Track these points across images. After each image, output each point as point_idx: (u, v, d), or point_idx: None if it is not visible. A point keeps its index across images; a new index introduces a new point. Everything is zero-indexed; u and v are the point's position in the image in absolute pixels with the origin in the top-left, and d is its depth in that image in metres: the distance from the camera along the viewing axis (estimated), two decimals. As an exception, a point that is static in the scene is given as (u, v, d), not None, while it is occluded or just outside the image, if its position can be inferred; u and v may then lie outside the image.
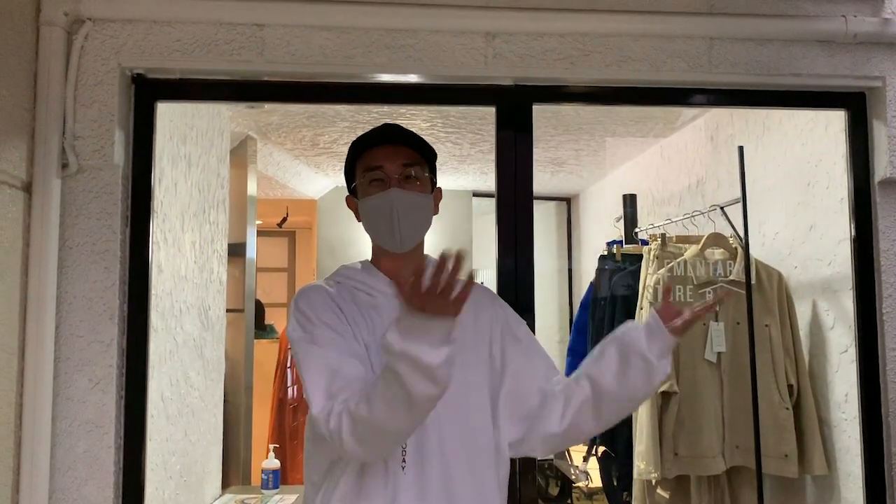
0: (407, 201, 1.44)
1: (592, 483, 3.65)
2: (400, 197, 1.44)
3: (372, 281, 1.49)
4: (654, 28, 2.03)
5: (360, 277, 1.50)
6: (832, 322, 2.46)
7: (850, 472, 2.35)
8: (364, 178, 1.48)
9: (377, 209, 1.45)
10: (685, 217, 2.95)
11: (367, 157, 1.48)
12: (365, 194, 1.48)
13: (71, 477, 1.83)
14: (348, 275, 1.52)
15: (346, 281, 1.50)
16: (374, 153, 1.47)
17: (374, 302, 1.46)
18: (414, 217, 1.46)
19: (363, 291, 1.48)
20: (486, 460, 1.44)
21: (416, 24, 1.98)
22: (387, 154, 1.46)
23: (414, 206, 1.46)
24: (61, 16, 1.86)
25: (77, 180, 1.88)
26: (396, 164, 1.45)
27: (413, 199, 1.46)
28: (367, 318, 1.44)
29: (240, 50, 1.95)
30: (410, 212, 1.45)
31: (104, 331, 1.86)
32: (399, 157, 1.46)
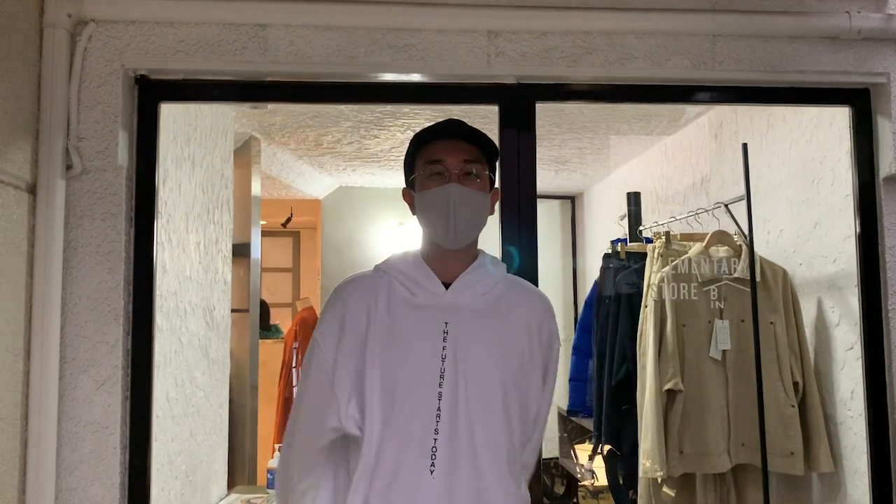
0: (465, 198, 1.43)
1: (598, 482, 3.65)
2: (459, 193, 1.43)
3: (417, 275, 1.48)
4: (657, 25, 2.03)
5: (407, 270, 1.49)
6: (837, 319, 2.45)
7: (857, 469, 2.34)
8: (424, 170, 1.47)
9: (434, 203, 1.44)
10: (689, 215, 2.94)
11: (428, 150, 1.47)
12: (423, 187, 1.47)
13: (77, 477, 1.83)
14: (397, 266, 1.51)
15: (392, 272, 1.50)
16: (436, 146, 1.47)
17: (413, 300, 1.46)
18: (470, 214, 1.45)
19: (405, 286, 1.47)
20: (509, 459, 1.44)
21: (418, 24, 1.98)
22: (449, 148, 1.46)
23: (471, 204, 1.45)
24: (64, 17, 1.87)
25: (81, 181, 1.89)
26: (458, 160, 1.45)
27: (471, 196, 1.44)
28: (392, 314, 1.44)
29: (243, 50, 1.95)
30: (467, 209, 1.44)
31: (109, 331, 1.86)
32: (461, 153, 1.45)
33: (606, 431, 2.87)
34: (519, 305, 1.52)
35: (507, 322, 1.49)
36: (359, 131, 3.60)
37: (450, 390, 1.40)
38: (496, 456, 1.41)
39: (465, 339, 1.43)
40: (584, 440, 4.15)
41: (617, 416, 2.83)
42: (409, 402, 1.39)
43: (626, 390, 2.77)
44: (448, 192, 1.43)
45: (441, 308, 1.45)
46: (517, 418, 1.46)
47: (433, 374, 1.40)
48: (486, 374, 1.43)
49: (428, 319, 1.44)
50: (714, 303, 2.61)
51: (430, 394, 1.39)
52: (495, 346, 1.45)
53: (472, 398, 1.40)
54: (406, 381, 1.40)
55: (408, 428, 1.38)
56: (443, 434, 1.38)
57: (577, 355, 3.38)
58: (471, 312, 1.46)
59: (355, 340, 1.43)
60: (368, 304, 1.45)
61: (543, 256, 2.08)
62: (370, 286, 1.48)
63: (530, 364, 1.50)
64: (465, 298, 1.47)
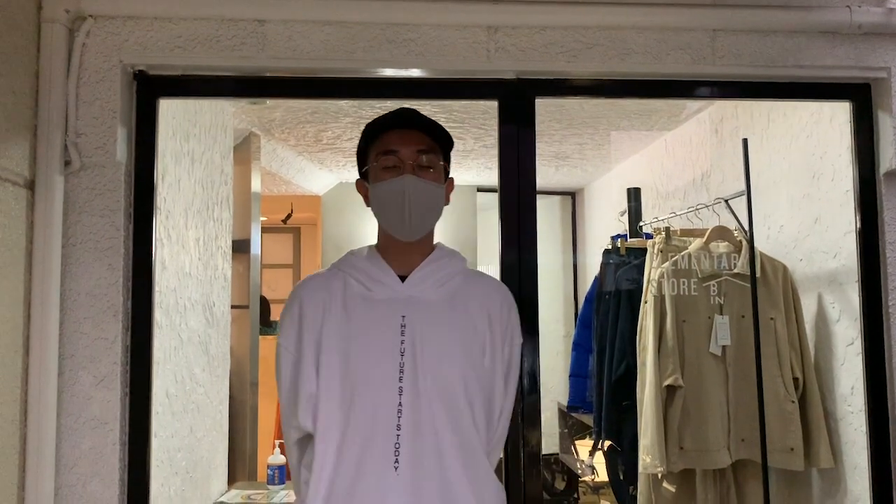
0: (420, 189, 1.42)
1: (598, 477, 3.66)
2: (413, 184, 1.41)
3: (372, 270, 1.47)
4: (657, 20, 2.02)
5: (361, 265, 1.48)
6: (838, 315, 2.45)
7: (857, 464, 2.34)
8: (377, 162, 1.45)
9: (389, 195, 1.43)
10: (690, 210, 2.94)
11: (381, 141, 1.46)
12: (377, 179, 1.45)
13: (76, 474, 1.83)
14: (352, 262, 1.50)
15: (347, 268, 1.49)
16: (390, 137, 1.45)
17: (369, 295, 1.45)
18: (426, 206, 1.44)
19: (361, 282, 1.46)
20: (476, 448, 1.43)
21: (417, 19, 1.98)
22: (402, 139, 1.44)
23: (427, 195, 1.44)
24: (63, 13, 1.86)
25: (80, 177, 1.88)
26: (412, 150, 1.43)
27: (426, 187, 1.43)
28: (348, 311, 1.43)
29: (241, 46, 1.95)
30: (422, 200, 1.43)
31: (108, 328, 1.86)
32: (415, 143, 1.44)
33: (606, 427, 2.87)
34: (478, 296, 1.50)
35: (467, 313, 1.47)
36: (358, 127, 3.58)
37: (410, 384, 1.38)
38: (462, 448, 1.40)
39: (424, 331, 1.41)
40: (584, 436, 4.16)
41: (617, 412, 2.83)
42: (369, 399, 1.38)
43: (626, 386, 2.77)
44: (402, 183, 1.41)
45: (398, 301, 1.43)
46: (481, 409, 1.44)
47: (392, 369, 1.39)
48: (447, 367, 1.41)
49: (385, 314, 1.42)
50: (714, 298, 2.61)
51: (390, 389, 1.38)
52: (455, 338, 1.44)
53: (434, 391, 1.39)
54: (365, 377, 1.39)
55: (369, 425, 1.37)
56: (405, 429, 1.37)
57: (578, 351, 3.38)
58: (428, 305, 1.44)
59: (313, 339, 1.43)
60: (324, 301, 1.44)
61: (543, 252, 2.08)
62: (325, 284, 1.48)
63: (492, 355, 1.48)
64: (423, 291, 1.45)
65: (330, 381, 1.40)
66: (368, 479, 1.35)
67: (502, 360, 1.50)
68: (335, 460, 1.37)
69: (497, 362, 1.49)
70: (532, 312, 2.01)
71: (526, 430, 1.98)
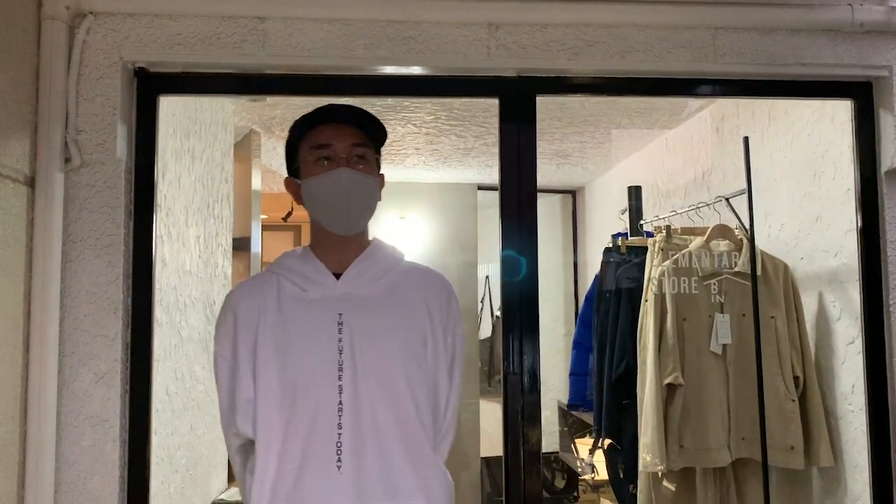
0: (357, 182, 1.40)
1: (598, 475, 3.66)
2: (350, 177, 1.39)
3: (305, 269, 1.45)
4: (659, 18, 2.02)
5: (294, 266, 1.47)
6: (839, 313, 2.45)
7: (857, 463, 2.34)
8: (310, 156, 1.42)
9: (325, 189, 1.40)
10: (690, 209, 2.93)
11: (313, 136, 1.43)
12: (310, 174, 1.42)
13: (76, 471, 1.83)
14: (285, 263, 1.48)
15: (280, 270, 1.47)
16: (323, 131, 1.42)
17: (304, 296, 1.43)
18: (363, 199, 1.42)
19: (294, 283, 1.45)
20: (421, 442, 1.42)
21: (418, 16, 1.97)
22: (336, 133, 1.42)
23: (363, 188, 1.41)
24: (63, 10, 1.86)
25: (80, 174, 1.88)
26: (346, 144, 1.41)
27: (363, 180, 1.41)
28: (283, 313, 1.42)
29: (241, 43, 1.94)
30: (360, 193, 1.41)
31: (108, 325, 1.86)
32: (349, 137, 1.42)
33: (607, 425, 2.87)
34: (416, 288, 1.49)
35: (405, 306, 1.46)
36: (358, 125, 3.59)
37: (350, 382, 1.38)
38: (406, 442, 1.40)
39: (362, 328, 1.41)
40: (584, 434, 4.16)
41: (617, 411, 2.83)
42: (309, 400, 1.37)
43: (626, 384, 2.77)
44: (339, 176, 1.39)
45: (334, 299, 1.42)
46: (425, 401, 1.44)
47: (331, 367, 1.38)
48: (387, 362, 1.41)
49: (321, 313, 1.41)
50: (715, 297, 2.61)
51: (329, 388, 1.37)
52: (395, 332, 1.43)
53: (374, 388, 1.38)
54: (304, 378, 1.38)
55: (310, 425, 1.36)
56: (346, 427, 1.36)
57: (578, 349, 3.37)
58: (365, 300, 1.43)
59: (249, 344, 1.41)
60: (258, 305, 1.43)
61: (544, 251, 2.08)
62: (258, 287, 1.46)
63: (434, 346, 1.47)
64: (358, 287, 1.44)
65: (268, 385, 1.39)
66: (312, 480, 1.35)
67: (445, 351, 1.49)
68: (277, 463, 1.37)
69: (440, 353, 1.48)
70: (533, 311, 2.01)
71: (526, 428, 1.98)
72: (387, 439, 1.38)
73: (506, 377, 2.00)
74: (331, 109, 1.44)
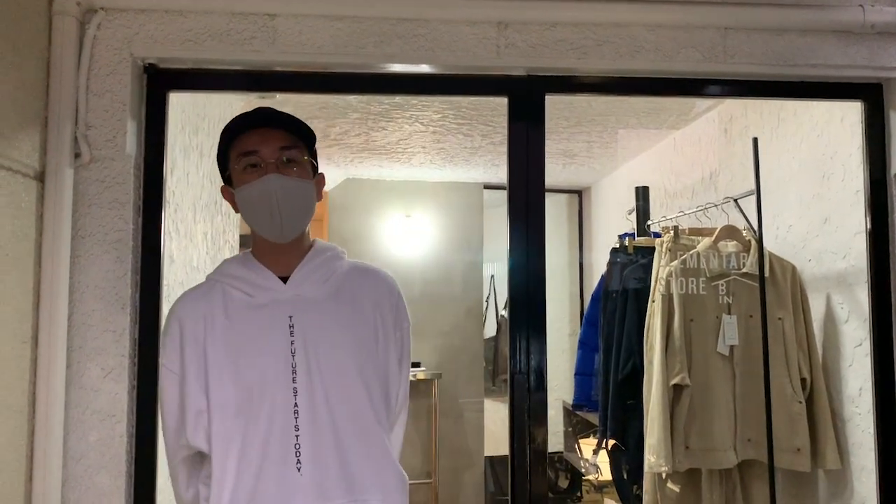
0: (287, 187, 1.38)
1: (602, 476, 3.65)
2: (278, 183, 1.37)
3: (250, 276, 1.45)
4: (668, 18, 2.01)
5: (238, 273, 1.46)
6: (846, 316, 2.44)
7: (864, 466, 2.33)
8: (238, 164, 1.41)
9: (255, 197, 1.39)
10: (698, 209, 2.93)
11: (240, 142, 1.41)
12: (241, 182, 1.41)
13: (83, 465, 1.84)
14: (228, 271, 1.48)
15: (223, 278, 1.47)
16: (249, 137, 1.40)
17: (251, 301, 1.43)
18: (295, 204, 1.40)
19: (240, 289, 1.44)
20: (378, 437, 1.44)
21: (427, 14, 1.97)
22: (261, 138, 1.39)
23: (294, 192, 1.39)
24: (74, 5, 1.86)
25: (89, 170, 1.89)
26: (272, 149, 1.39)
27: (293, 184, 1.39)
28: (232, 320, 1.41)
29: (251, 40, 1.95)
30: (291, 198, 1.39)
31: (116, 320, 1.87)
32: (275, 141, 1.40)
33: (611, 426, 2.87)
34: (363, 287, 1.49)
35: (354, 305, 1.46)
36: (367, 123, 3.60)
37: (304, 384, 1.38)
38: (364, 441, 1.41)
39: (314, 329, 1.41)
40: (588, 434, 4.15)
41: (622, 411, 2.83)
42: (265, 404, 1.36)
43: (632, 385, 2.77)
44: (267, 183, 1.37)
45: (282, 303, 1.42)
46: (380, 399, 1.45)
47: (285, 371, 1.38)
48: (341, 361, 1.41)
49: (271, 317, 1.41)
50: (722, 298, 2.61)
51: (284, 391, 1.37)
52: (346, 332, 1.43)
53: (330, 388, 1.39)
54: (258, 383, 1.37)
55: (267, 429, 1.36)
56: (304, 429, 1.36)
57: (583, 349, 3.37)
58: (315, 302, 1.43)
59: (197, 355, 1.41)
60: (204, 314, 1.42)
61: (550, 250, 2.07)
62: (203, 296, 1.46)
63: (385, 343, 1.48)
64: (306, 289, 1.44)
65: (221, 393, 1.38)
66: (272, 484, 1.35)
67: (395, 345, 1.51)
68: (236, 470, 1.36)
69: (390, 347, 1.49)
70: (540, 310, 2.01)
71: (532, 427, 1.98)
72: (344, 438, 1.39)
73: (512, 376, 2.00)
74: (255, 115, 1.42)
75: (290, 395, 1.37)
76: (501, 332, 5.59)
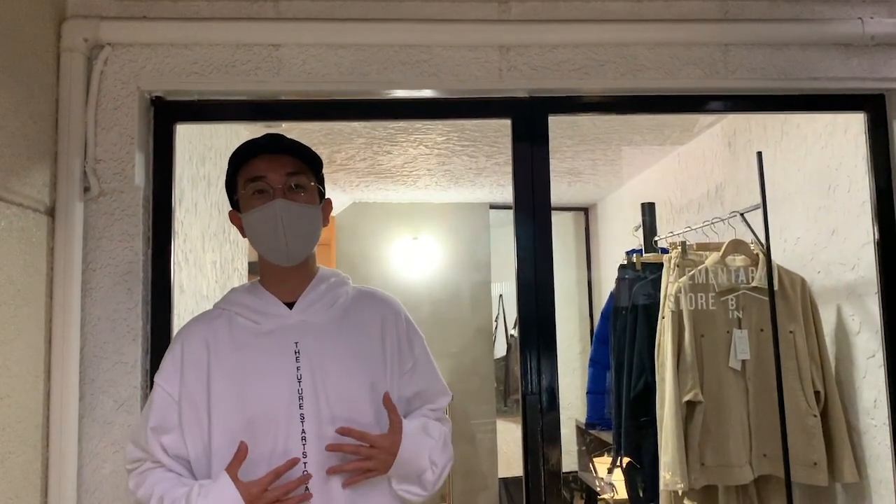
0: (293, 212, 1.39)
1: (618, 495, 3.62)
2: (285, 208, 1.38)
3: (256, 303, 1.45)
4: (669, 36, 2.03)
5: (244, 301, 1.46)
6: (858, 327, 2.42)
7: (882, 478, 2.30)
8: (246, 189, 1.42)
9: (262, 222, 1.40)
10: (705, 224, 2.93)
11: (248, 168, 1.43)
12: (248, 207, 1.42)
13: (98, 498, 1.84)
14: (235, 300, 1.48)
15: (229, 306, 1.47)
16: (256, 164, 1.42)
17: (257, 328, 1.43)
18: (301, 229, 1.41)
19: (246, 317, 1.44)
20: None
21: (430, 40, 2.00)
22: (269, 164, 1.41)
23: (300, 217, 1.41)
24: (81, 42, 1.89)
25: (99, 203, 1.91)
26: (279, 174, 1.40)
27: (299, 210, 1.40)
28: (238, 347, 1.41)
29: (256, 70, 1.97)
30: (297, 223, 1.40)
31: (128, 352, 1.87)
32: (283, 167, 1.41)
33: (626, 444, 2.85)
34: (368, 310, 1.50)
35: (360, 330, 1.46)
36: (372, 147, 3.62)
37: (312, 410, 1.37)
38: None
39: (320, 355, 1.40)
40: (602, 453, 4.12)
41: (636, 429, 2.81)
42: (272, 432, 1.36)
43: (644, 402, 2.75)
44: (273, 208, 1.38)
45: (289, 329, 1.42)
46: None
47: (291, 397, 1.37)
48: (348, 387, 1.40)
49: (277, 343, 1.41)
50: (732, 312, 2.59)
51: (291, 418, 1.36)
52: (352, 357, 1.43)
53: (337, 414, 1.38)
54: (264, 411, 1.36)
55: (273, 457, 1.35)
56: (312, 456, 1.35)
57: (595, 367, 3.36)
58: (320, 327, 1.44)
59: (199, 380, 1.40)
60: (207, 341, 1.42)
61: (558, 268, 2.07)
62: (208, 323, 1.46)
63: (400, 365, 1.48)
64: (313, 315, 1.44)
65: (226, 419, 1.37)
66: None
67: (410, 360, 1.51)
68: None
69: (405, 368, 1.50)
70: (550, 329, 2.01)
71: (546, 447, 1.97)
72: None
73: (524, 397, 2.00)
74: (262, 141, 1.43)
75: (297, 422, 1.37)
76: (512, 351, 5.57)
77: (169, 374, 1.43)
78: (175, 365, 1.43)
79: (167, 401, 1.41)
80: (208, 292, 2.60)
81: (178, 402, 1.40)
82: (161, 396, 1.41)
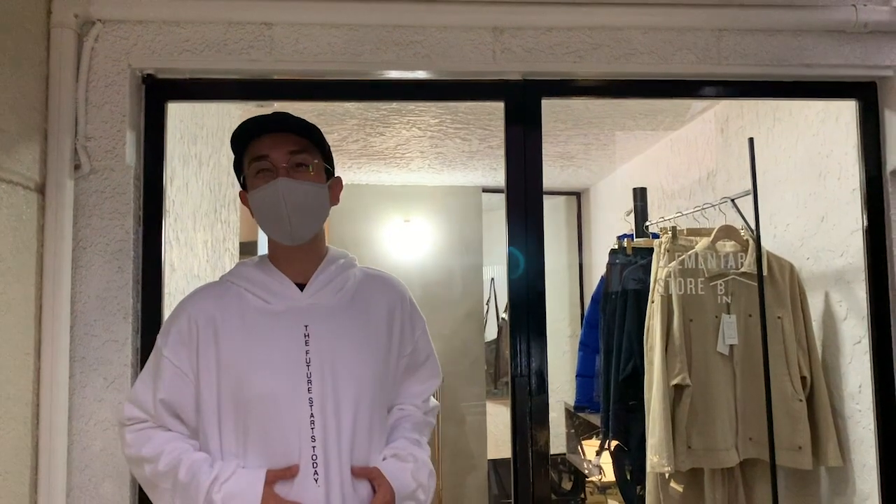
0: (296, 191, 1.37)
1: (605, 477, 3.65)
2: (287, 186, 1.37)
3: (268, 281, 1.44)
4: (663, 21, 2.03)
5: (255, 277, 1.45)
6: (845, 313, 2.45)
7: (865, 463, 2.34)
8: (251, 169, 1.41)
9: (266, 201, 1.38)
10: (696, 210, 2.94)
11: (253, 147, 1.41)
12: (253, 186, 1.40)
13: (88, 475, 1.85)
14: (244, 274, 1.46)
15: (240, 281, 1.45)
16: (260, 142, 1.40)
17: (268, 308, 1.41)
18: (305, 208, 1.39)
19: (257, 295, 1.43)
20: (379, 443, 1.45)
21: (423, 21, 1.99)
22: (272, 142, 1.39)
23: (305, 196, 1.39)
24: (72, 18, 1.87)
25: (89, 181, 1.90)
26: (283, 153, 1.38)
27: (303, 188, 1.38)
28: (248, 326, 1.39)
29: (248, 49, 1.96)
30: (301, 202, 1.38)
31: (118, 330, 1.87)
32: (286, 145, 1.39)
33: (614, 427, 2.87)
34: (376, 294, 1.50)
35: (369, 314, 1.47)
36: (364, 129, 3.61)
37: (320, 394, 1.37)
38: (380, 450, 1.43)
39: (330, 339, 1.40)
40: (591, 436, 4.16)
41: (624, 412, 2.83)
42: (280, 415, 1.35)
43: (633, 386, 2.78)
44: (276, 187, 1.36)
45: (299, 311, 1.41)
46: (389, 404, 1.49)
47: (300, 381, 1.36)
48: (357, 371, 1.40)
49: (287, 325, 1.40)
50: (721, 297, 2.61)
51: (299, 402, 1.36)
52: (361, 341, 1.43)
53: (345, 398, 1.38)
54: (272, 393, 1.35)
55: (283, 441, 1.34)
56: (320, 440, 1.35)
57: (584, 351, 3.38)
58: (330, 310, 1.43)
59: (209, 358, 1.39)
60: (216, 319, 1.40)
61: (549, 252, 2.08)
62: (217, 300, 1.43)
63: (400, 349, 1.50)
64: (323, 297, 1.44)
65: (234, 402, 1.36)
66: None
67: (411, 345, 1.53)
68: None
69: (408, 352, 1.53)
70: (540, 312, 2.02)
71: (534, 429, 1.99)
72: (362, 445, 1.39)
73: (513, 379, 2.01)
74: (265, 119, 1.41)
75: (305, 406, 1.36)
76: (502, 334, 5.60)
77: (177, 348, 1.41)
78: (182, 339, 1.41)
79: (177, 374, 1.39)
80: (199, 271, 2.59)
81: (190, 378, 1.39)
82: (171, 370, 1.40)
